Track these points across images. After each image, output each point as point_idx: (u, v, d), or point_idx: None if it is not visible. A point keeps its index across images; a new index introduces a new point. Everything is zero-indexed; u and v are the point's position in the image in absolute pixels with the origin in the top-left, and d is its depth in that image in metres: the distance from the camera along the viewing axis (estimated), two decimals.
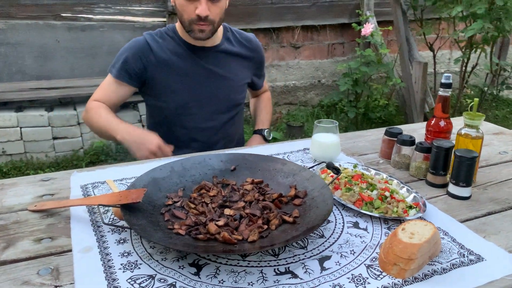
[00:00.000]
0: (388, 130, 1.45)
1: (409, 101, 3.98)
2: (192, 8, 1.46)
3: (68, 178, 1.25)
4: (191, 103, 1.62)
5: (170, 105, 1.61)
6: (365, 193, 1.14)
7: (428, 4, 3.77)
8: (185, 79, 1.60)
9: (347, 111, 3.73)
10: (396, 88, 4.04)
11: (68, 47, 3.40)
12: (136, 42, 1.58)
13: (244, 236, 0.93)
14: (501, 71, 4.29)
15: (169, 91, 1.60)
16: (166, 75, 1.58)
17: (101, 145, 3.19)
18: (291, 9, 4.03)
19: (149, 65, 1.57)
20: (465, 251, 0.95)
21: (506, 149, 1.55)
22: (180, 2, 1.48)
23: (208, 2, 1.45)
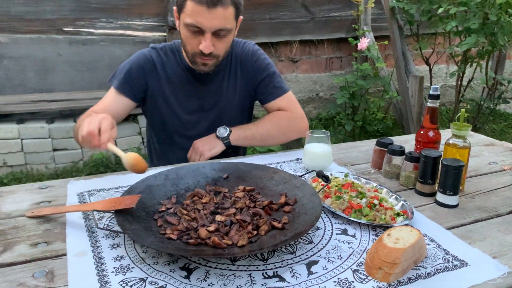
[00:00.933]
0: (379, 140, 1.49)
1: (406, 115, 4.02)
2: (196, 42, 1.40)
3: (65, 186, 1.28)
4: (188, 124, 1.61)
5: (169, 122, 1.60)
6: (355, 201, 1.17)
7: (424, 19, 3.83)
8: (184, 100, 1.58)
9: (345, 124, 3.77)
10: (393, 102, 4.08)
11: (69, 61, 3.47)
12: (141, 56, 1.56)
13: (234, 241, 0.95)
14: (498, 85, 4.34)
15: (168, 109, 1.58)
16: (166, 93, 1.56)
17: (100, 157, 3.23)
18: (289, 24, 4.10)
19: (151, 81, 1.55)
20: (449, 257, 0.98)
21: (496, 160, 1.58)
22: (184, 33, 1.42)
23: (213, 38, 1.39)
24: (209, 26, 1.35)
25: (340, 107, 3.86)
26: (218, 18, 1.35)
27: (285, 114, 1.62)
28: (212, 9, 1.33)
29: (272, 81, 1.64)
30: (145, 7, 3.61)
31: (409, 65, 4.12)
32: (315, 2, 4.23)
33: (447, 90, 5.31)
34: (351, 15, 4.38)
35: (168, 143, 1.63)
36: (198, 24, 1.35)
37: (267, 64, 1.64)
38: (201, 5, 1.32)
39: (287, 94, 1.65)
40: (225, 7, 1.34)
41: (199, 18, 1.34)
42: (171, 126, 1.60)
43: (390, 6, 4.00)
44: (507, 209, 1.21)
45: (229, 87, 1.62)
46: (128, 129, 3.42)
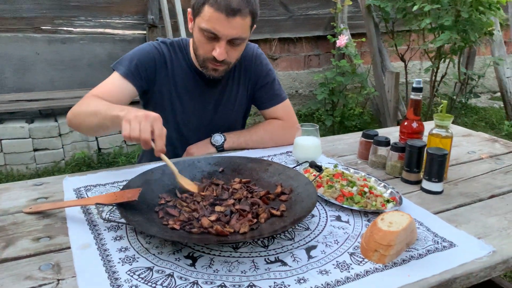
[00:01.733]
0: (365, 132, 1.54)
1: (383, 109, 4.13)
2: (210, 47, 1.38)
3: (60, 183, 1.29)
4: (188, 123, 1.61)
5: (169, 119, 1.58)
6: (346, 189, 1.22)
7: (399, 17, 3.94)
8: (187, 99, 1.58)
9: (325, 119, 3.85)
10: (370, 97, 4.18)
11: (48, 60, 3.42)
12: (152, 48, 1.52)
13: (236, 229, 0.99)
14: (469, 80, 4.50)
15: (170, 106, 1.58)
16: (171, 90, 1.56)
17: (82, 156, 3.20)
18: (269, 22, 4.15)
19: (160, 75, 1.53)
20: (438, 239, 1.04)
21: (474, 149, 1.66)
22: (198, 37, 1.40)
23: (227, 46, 1.38)
24: (225, 34, 1.34)
25: (320, 103, 3.93)
26: (236, 27, 1.33)
27: (280, 124, 1.66)
28: (231, 18, 1.31)
29: (272, 88, 1.66)
30: (125, 5, 3.60)
31: (385, 62, 4.23)
32: (293, 1, 4.29)
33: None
34: (328, 13, 4.46)
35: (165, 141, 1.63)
36: (215, 31, 1.33)
37: (269, 70, 1.66)
38: (220, 12, 1.31)
39: (285, 102, 1.69)
40: (243, 17, 1.33)
41: (217, 25, 1.32)
42: (170, 123, 1.59)
43: (366, 4, 4.10)
44: (487, 194, 1.28)
45: (232, 89, 1.63)
46: None
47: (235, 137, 1.60)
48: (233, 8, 1.31)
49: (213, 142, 1.58)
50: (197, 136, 1.63)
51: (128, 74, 1.47)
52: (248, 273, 0.89)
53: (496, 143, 1.73)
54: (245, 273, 0.89)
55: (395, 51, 4.26)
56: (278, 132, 1.65)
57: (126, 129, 1.11)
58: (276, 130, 1.65)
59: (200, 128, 1.63)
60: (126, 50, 3.65)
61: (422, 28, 3.72)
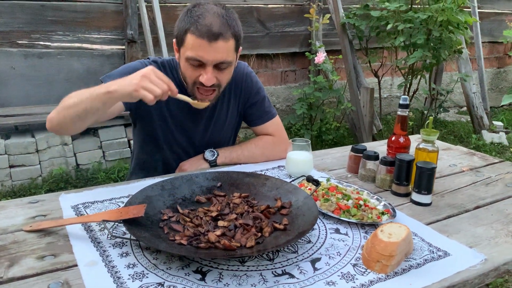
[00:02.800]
0: (354, 147, 1.60)
1: (359, 124, 4.24)
2: (197, 73, 1.39)
3: (56, 200, 1.28)
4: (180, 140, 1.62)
5: (161, 136, 1.59)
6: (342, 202, 1.27)
7: (373, 34, 4.09)
8: (178, 117, 1.58)
9: (303, 133, 3.92)
10: (347, 112, 4.29)
11: (24, 74, 3.35)
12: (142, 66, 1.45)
13: (242, 243, 1.01)
14: (438, 95, 4.68)
15: (162, 124, 1.58)
16: (162, 108, 1.55)
17: (60, 172, 3.14)
18: (246, 39, 4.19)
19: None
20: (433, 249, 1.09)
21: (455, 162, 1.74)
22: (185, 66, 1.41)
23: (215, 70, 1.38)
24: (210, 60, 1.36)
25: (299, 117, 4.01)
26: (220, 51, 1.35)
27: (271, 140, 1.70)
28: (213, 42, 1.33)
29: (262, 106, 1.70)
30: (103, 20, 3.58)
31: (360, 78, 4.36)
32: (270, 18, 4.37)
33: (392, 100, 5.64)
34: (304, 30, 4.57)
35: (157, 157, 1.63)
36: (199, 58, 1.35)
37: (259, 88, 1.70)
38: (201, 39, 1.32)
39: (275, 118, 1.73)
40: (226, 40, 1.34)
41: (200, 52, 1.34)
42: (162, 140, 1.60)
43: (341, 22, 4.23)
44: (473, 205, 1.35)
45: (223, 107, 1.65)
46: (88, 143, 3.35)
47: (227, 152, 1.63)
48: (214, 33, 1.32)
49: (206, 157, 1.59)
50: (189, 154, 1.64)
51: None
52: (258, 286, 0.92)
53: (475, 156, 1.82)
54: (255, 286, 0.92)
55: (368, 67, 4.40)
56: (269, 147, 1.68)
57: (147, 96, 1.16)
58: (267, 146, 1.69)
59: (191, 145, 1.65)
60: (104, 65, 3.65)
61: (395, 46, 3.87)
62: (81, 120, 1.31)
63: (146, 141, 1.64)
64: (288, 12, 4.47)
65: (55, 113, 1.35)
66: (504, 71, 6.58)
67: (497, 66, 6.48)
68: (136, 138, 1.70)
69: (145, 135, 1.63)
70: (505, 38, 5.94)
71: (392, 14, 3.80)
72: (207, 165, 1.59)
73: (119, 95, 1.20)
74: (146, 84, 1.17)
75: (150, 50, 3.49)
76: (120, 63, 3.70)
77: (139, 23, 3.62)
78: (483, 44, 5.68)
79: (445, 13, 3.42)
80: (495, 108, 6.35)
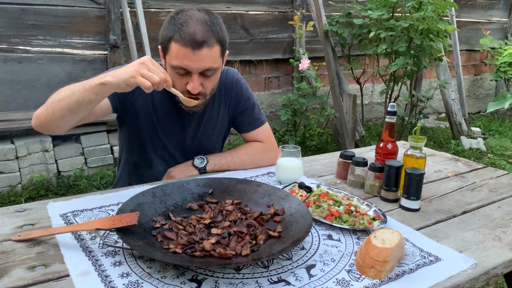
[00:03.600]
0: (343, 153, 1.62)
1: (342, 130, 4.28)
2: (184, 82, 1.39)
3: (44, 208, 1.25)
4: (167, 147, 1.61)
5: (148, 142, 1.58)
6: (333, 208, 1.27)
7: (355, 42, 4.15)
8: (166, 123, 1.57)
9: (288, 139, 3.93)
10: (330, 119, 4.33)
11: (3, 79, 3.27)
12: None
13: (237, 251, 1.01)
14: (418, 102, 4.77)
15: (150, 130, 1.56)
16: (150, 113, 1.54)
17: (41, 179, 3.07)
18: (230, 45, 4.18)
19: (140, 98, 1.52)
20: (425, 254, 1.10)
21: (440, 168, 1.77)
22: (171, 74, 1.39)
23: (200, 77, 1.39)
24: (195, 68, 1.35)
25: (283, 123, 4.03)
26: (204, 59, 1.34)
27: (261, 146, 1.70)
28: (197, 50, 1.32)
29: (253, 112, 1.70)
30: (85, 25, 3.53)
31: (343, 84, 4.41)
32: (253, 25, 4.40)
33: (373, 107, 5.72)
34: (287, 37, 4.61)
35: (144, 163, 1.61)
36: (185, 66, 1.35)
37: (249, 95, 1.70)
38: (186, 47, 1.32)
39: (265, 125, 1.74)
40: (210, 47, 1.34)
41: (185, 61, 1.34)
42: (150, 146, 1.59)
43: (324, 30, 4.28)
44: (460, 210, 1.38)
45: (212, 113, 1.64)
46: (70, 150, 3.29)
47: (217, 159, 1.62)
48: (198, 41, 1.32)
49: (195, 164, 1.58)
50: (176, 159, 1.63)
51: None
52: None
53: (459, 162, 1.86)
54: None
55: (351, 74, 4.46)
56: (259, 154, 1.68)
57: (145, 82, 1.16)
58: (257, 153, 1.69)
59: (179, 150, 1.64)
60: (86, 70, 3.60)
61: (377, 53, 3.93)
62: (72, 114, 1.26)
63: (132, 146, 1.62)
64: (271, 19, 4.50)
65: (43, 108, 1.31)
66: (481, 78, 6.75)
67: (474, 74, 6.65)
68: (122, 142, 1.67)
69: (131, 139, 1.61)
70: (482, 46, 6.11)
71: (374, 22, 3.87)
72: (196, 172, 1.58)
73: (115, 84, 1.18)
74: (144, 70, 1.17)
75: (134, 56, 3.46)
76: (103, 68, 3.66)
77: (122, 28, 3.59)
78: (461, 52, 5.83)
79: (425, 22, 3.50)
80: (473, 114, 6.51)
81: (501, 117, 6.13)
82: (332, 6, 4.40)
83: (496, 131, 5.62)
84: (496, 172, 1.75)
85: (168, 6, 3.84)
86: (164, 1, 3.84)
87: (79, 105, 1.24)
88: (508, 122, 5.88)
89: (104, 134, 3.43)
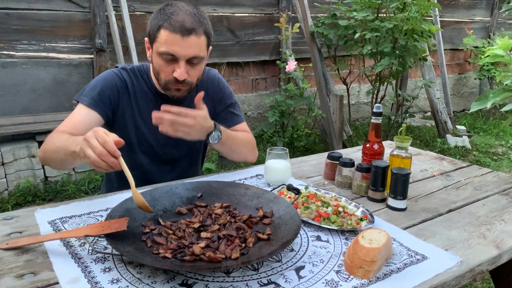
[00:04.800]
0: (330, 154, 1.63)
1: (329, 130, 4.31)
2: (170, 69, 1.43)
3: (32, 216, 1.24)
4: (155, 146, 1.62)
5: (136, 144, 1.60)
6: (322, 209, 1.29)
7: (341, 43, 4.18)
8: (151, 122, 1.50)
9: (276, 141, 3.95)
10: (317, 119, 4.36)
11: None
12: (113, 75, 1.55)
13: (227, 255, 1.01)
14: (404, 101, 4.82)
15: (136, 131, 1.59)
16: (135, 115, 1.57)
17: (28, 185, 3.04)
18: (217, 47, 4.22)
19: (123, 101, 1.55)
20: (412, 253, 1.12)
21: (426, 167, 1.80)
22: (158, 62, 1.44)
23: (186, 66, 1.42)
24: (183, 54, 1.39)
25: (271, 124, 4.05)
26: (192, 46, 1.39)
27: (250, 135, 1.73)
28: (186, 37, 1.37)
29: (234, 109, 1.74)
30: (71, 29, 3.51)
31: (329, 85, 4.44)
32: (240, 27, 4.41)
33: (360, 107, 5.77)
34: (274, 39, 4.63)
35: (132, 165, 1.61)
36: (173, 52, 1.38)
37: (230, 92, 1.75)
38: (175, 34, 1.36)
39: (244, 122, 1.77)
40: (198, 35, 1.39)
41: (173, 47, 1.38)
42: (137, 148, 1.60)
43: (310, 31, 4.30)
44: (446, 208, 1.40)
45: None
46: None
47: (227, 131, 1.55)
48: (187, 28, 1.37)
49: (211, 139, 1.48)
50: (161, 158, 1.65)
51: (92, 103, 1.49)
52: None
53: (444, 161, 1.89)
54: None
55: (337, 75, 4.49)
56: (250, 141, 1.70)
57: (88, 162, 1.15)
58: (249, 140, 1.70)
59: (164, 148, 1.64)
60: (72, 74, 3.58)
61: (363, 54, 3.97)
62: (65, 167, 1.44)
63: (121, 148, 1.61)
64: (257, 21, 4.52)
65: (43, 153, 1.43)
66: (465, 77, 6.85)
67: (458, 72, 6.75)
68: None
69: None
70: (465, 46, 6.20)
71: (359, 23, 3.91)
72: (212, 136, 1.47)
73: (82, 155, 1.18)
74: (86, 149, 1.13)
75: (120, 59, 3.45)
76: (89, 72, 3.64)
77: (108, 32, 3.57)
78: (445, 51, 5.91)
79: (410, 22, 3.54)
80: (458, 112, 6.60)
81: (485, 115, 6.22)
82: (317, 8, 4.43)
83: (480, 129, 5.71)
84: (480, 170, 1.78)
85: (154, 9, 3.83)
86: (149, 4, 3.83)
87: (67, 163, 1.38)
88: (493, 120, 5.98)
89: None
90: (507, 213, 1.37)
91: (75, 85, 3.57)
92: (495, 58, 1.37)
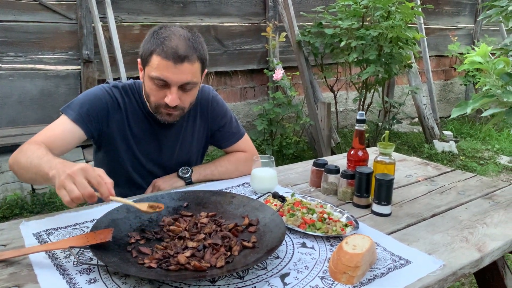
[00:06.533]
0: (316, 161, 1.65)
1: (317, 138, 4.34)
2: (162, 94, 1.39)
3: (17, 228, 1.24)
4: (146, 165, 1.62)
5: (126, 161, 1.58)
6: (307, 216, 1.30)
7: (327, 51, 4.23)
8: (143, 142, 1.58)
9: (265, 149, 3.97)
10: (305, 127, 4.39)
11: None
12: (104, 93, 1.51)
13: (212, 263, 1.02)
14: (391, 108, 4.88)
15: (126, 149, 1.57)
16: (126, 134, 1.55)
17: (15, 198, 3.01)
18: None
19: (113, 121, 1.53)
20: (395, 257, 1.14)
21: (411, 173, 1.82)
22: (149, 86, 1.41)
23: (179, 91, 1.39)
24: (175, 81, 1.37)
25: (259, 133, 4.07)
26: (185, 73, 1.36)
27: (243, 156, 1.73)
28: (178, 64, 1.34)
29: (230, 128, 1.73)
30: (57, 41, 3.50)
31: (317, 93, 4.48)
32: (227, 36, 4.44)
33: (348, 114, 5.81)
34: (261, 48, 4.66)
35: (123, 181, 1.60)
36: (164, 78, 1.36)
37: (225, 110, 1.72)
38: (167, 60, 1.33)
39: (244, 137, 1.77)
40: (191, 62, 1.36)
41: (165, 73, 1.35)
42: (128, 166, 1.59)
43: (296, 40, 4.35)
44: (429, 213, 1.42)
45: (187, 130, 1.65)
46: None
47: (201, 169, 1.65)
48: (180, 55, 1.34)
49: (181, 174, 1.60)
50: (156, 176, 1.63)
51: (78, 119, 1.45)
52: None
53: (428, 166, 1.92)
54: None
55: (324, 83, 4.53)
56: (242, 162, 1.71)
57: (65, 195, 1.05)
58: (240, 161, 1.71)
59: (158, 167, 1.64)
60: (59, 86, 3.57)
61: (349, 62, 4.02)
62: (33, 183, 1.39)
63: (111, 165, 1.61)
64: (245, 30, 4.55)
65: (14, 163, 1.36)
66: (451, 83, 6.95)
67: (444, 79, 6.84)
68: (100, 161, 1.66)
69: (110, 159, 1.61)
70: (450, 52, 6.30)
71: (345, 31, 3.96)
72: (182, 183, 1.59)
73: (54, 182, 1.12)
74: (68, 183, 1.05)
75: (107, 70, 3.45)
76: (76, 83, 3.63)
77: (95, 43, 3.57)
78: (430, 58, 6.00)
79: (394, 30, 3.60)
80: (444, 118, 6.68)
81: (471, 120, 6.31)
82: (304, 17, 4.48)
83: (467, 134, 5.78)
84: (464, 175, 1.81)
85: (140, 20, 3.85)
86: (136, 15, 3.84)
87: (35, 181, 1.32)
88: (479, 125, 6.06)
89: (79, 150, 3.39)
90: (489, 217, 1.40)
91: (62, 96, 3.56)
92: (473, 65, 1.41)
